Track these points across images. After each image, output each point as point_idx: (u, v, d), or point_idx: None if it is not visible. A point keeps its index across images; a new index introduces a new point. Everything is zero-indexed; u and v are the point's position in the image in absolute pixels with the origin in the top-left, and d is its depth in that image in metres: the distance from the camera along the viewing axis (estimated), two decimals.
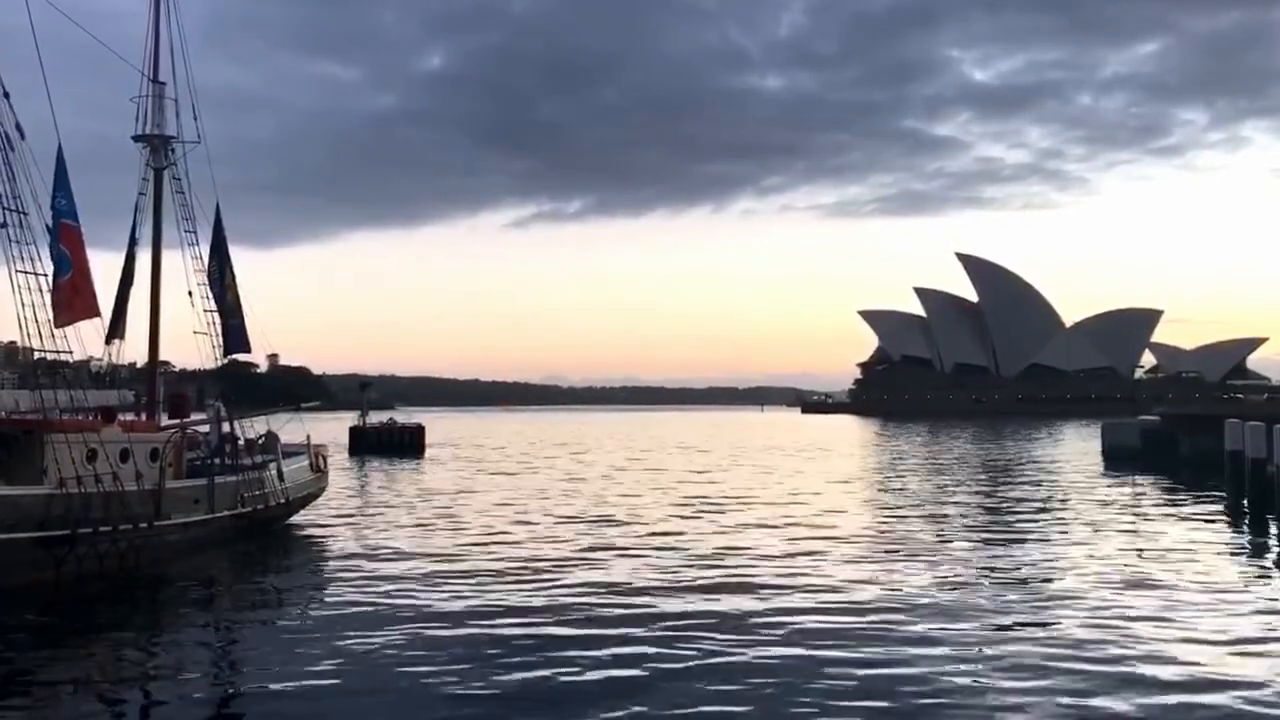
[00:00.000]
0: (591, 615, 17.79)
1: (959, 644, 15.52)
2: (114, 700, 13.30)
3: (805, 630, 16.49)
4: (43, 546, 20.22)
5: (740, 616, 17.53)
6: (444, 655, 15.06)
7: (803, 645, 15.48)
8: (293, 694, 13.28)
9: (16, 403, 22.69)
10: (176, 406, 29.08)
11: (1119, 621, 17.03)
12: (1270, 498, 31.17)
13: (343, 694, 13.24)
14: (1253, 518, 31.50)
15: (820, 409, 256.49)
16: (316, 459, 33.43)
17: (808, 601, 18.80)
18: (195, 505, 24.95)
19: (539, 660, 14.74)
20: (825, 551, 24.91)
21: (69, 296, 23.44)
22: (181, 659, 15.47)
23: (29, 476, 21.16)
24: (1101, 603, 18.57)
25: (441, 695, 13.12)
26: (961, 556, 24.15)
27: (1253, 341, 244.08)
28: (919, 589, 19.95)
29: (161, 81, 28.10)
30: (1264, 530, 29.34)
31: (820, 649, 15.22)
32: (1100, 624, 16.84)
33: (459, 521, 31.66)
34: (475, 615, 17.79)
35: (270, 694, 13.33)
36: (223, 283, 29.80)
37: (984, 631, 16.40)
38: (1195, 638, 15.94)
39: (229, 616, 19.32)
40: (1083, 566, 22.62)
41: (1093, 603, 18.57)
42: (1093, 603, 18.57)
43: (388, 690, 13.36)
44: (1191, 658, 14.73)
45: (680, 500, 38.16)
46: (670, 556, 24.31)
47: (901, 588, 20.13)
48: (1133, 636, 15.98)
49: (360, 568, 23.00)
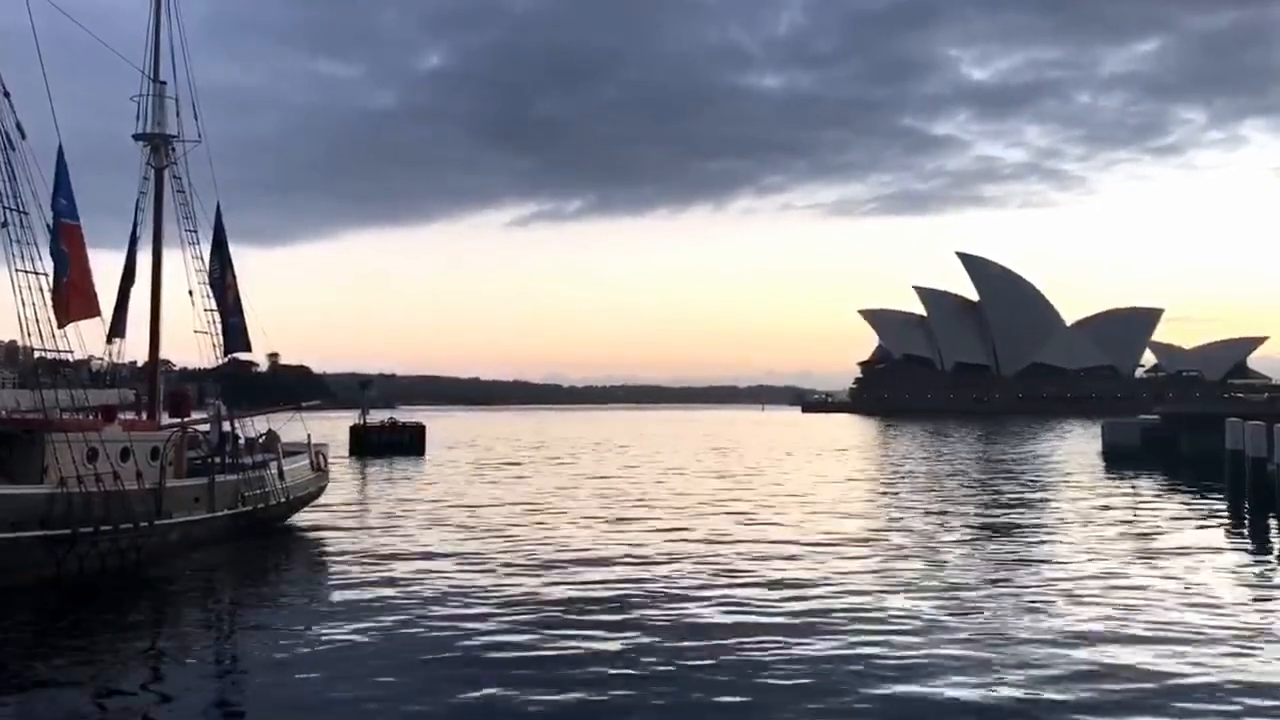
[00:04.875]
0: (593, 615, 17.79)
1: (959, 642, 15.55)
2: (114, 700, 13.30)
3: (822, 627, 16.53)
4: (44, 545, 20.24)
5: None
6: (445, 654, 15.08)
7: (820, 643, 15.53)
8: (293, 693, 13.28)
9: (17, 402, 22.71)
10: (177, 405, 29.08)
11: (1119, 621, 17.04)
12: (1270, 496, 31.20)
13: (343, 693, 13.23)
14: (1253, 517, 31.53)
15: (821, 408, 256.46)
16: (317, 458, 33.43)
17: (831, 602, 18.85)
18: (196, 504, 24.97)
19: (540, 660, 14.75)
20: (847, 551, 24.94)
21: (70, 296, 23.47)
22: (181, 658, 15.47)
23: (30, 475, 21.19)
24: (1101, 601, 18.56)
25: (442, 694, 13.12)
26: (962, 556, 24.14)
27: (1253, 340, 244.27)
28: (919, 589, 19.97)
29: (162, 80, 28.10)
30: (1264, 529, 29.36)
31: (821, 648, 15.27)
32: (1100, 624, 16.84)
33: (459, 520, 31.64)
34: (476, 614, 17.79)
35: (270, 693, 13.34)
36: (223, 282, 29.80)
37: (984, 630, 16.41)
38: (1195, 637, 15.94)
39: (229, 616, 19.34)
40: (1082, 566, 22.62)
41: (1091, 601, 18.56)
42: (1091, 601, 18.56)
43: (388, 689, 13.35)
44: (1191, 657, 14.73)
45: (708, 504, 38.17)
46: (685, 564, 24.31)
47: (901, 587, 20.15)
48: (1132, 636, 15.99)
49: (360, 567, 23.00)
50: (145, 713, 12.87)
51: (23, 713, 12.74)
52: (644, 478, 49.38)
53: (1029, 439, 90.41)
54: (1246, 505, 33.28)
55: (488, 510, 34.52)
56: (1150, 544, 26.10)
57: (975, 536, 27.51)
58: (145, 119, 28.11)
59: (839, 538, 27.23)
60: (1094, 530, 28.82)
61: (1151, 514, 32.72)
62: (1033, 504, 35.99)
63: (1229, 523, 30.96)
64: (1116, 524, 30.20)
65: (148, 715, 12.78)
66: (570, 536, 27.81)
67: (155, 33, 27.82)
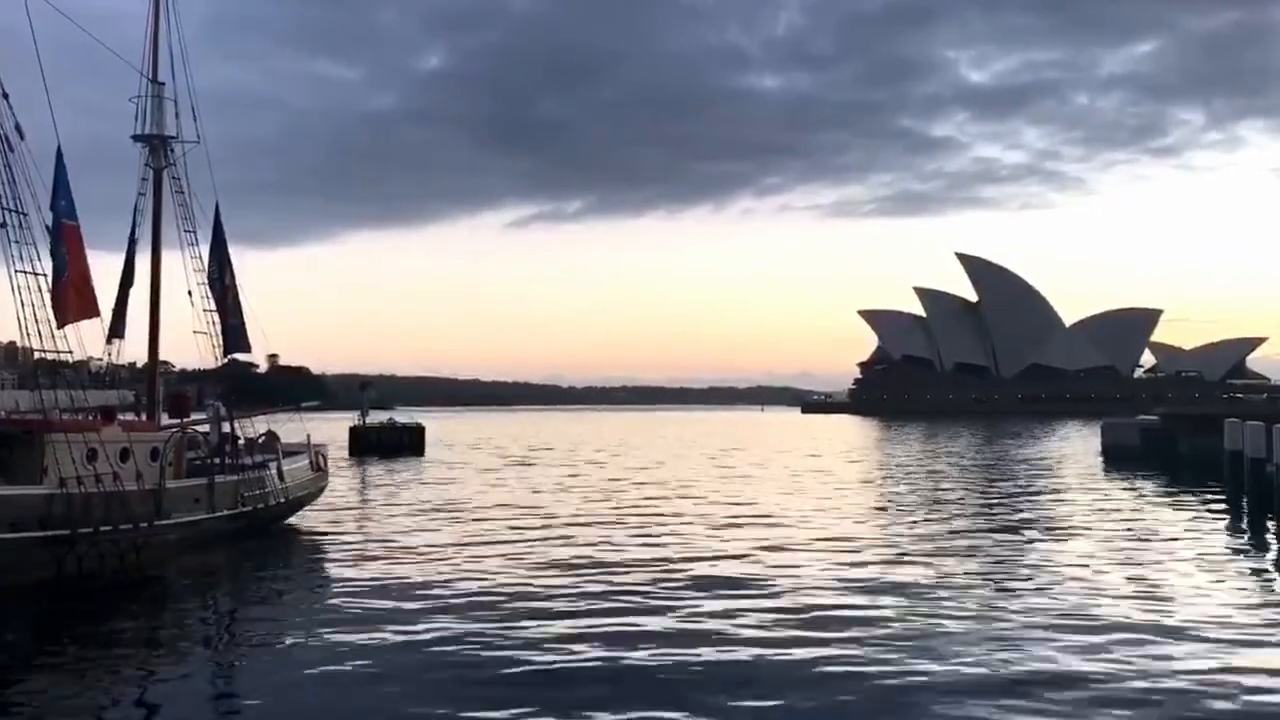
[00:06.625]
0: (595, 614, 17.80)
1: (958, 642, 15.57)
2: (114, 700, 13.30)
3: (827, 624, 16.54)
4: (43, 546, 20.23)
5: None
6: (444, 654, 15.08)
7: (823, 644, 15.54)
8: (293, 693, 13.30)
9: (17, 403, 22.72)
10: (176, 406, 29.11)
11: (1118, 621, 17.05)
12: (1270, 497, 31.20)
13: (343, 693, 13.25)
14: (1252, 517, 31.54)
15: (820, 409, 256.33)
16: (316, 459, 33.46)
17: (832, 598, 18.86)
18: (195, 505, 24.98)
19: (540, 659, 14.75)
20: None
21: (69, 297, 23.46)
22: (181, 658, 15.48)
23: (29, 476, 21.19)
24: (1100, 602, 18.57)
25: (441, 694, 13.13)
26: (960, 556, 24.16)
27: (1252, 341, 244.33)
28: (917, 588, 19.99)
29: (161, 81, 28.09)
30: (1263, 530, 29.36)
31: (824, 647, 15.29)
32: (1100, 623, 16.85)
33: (459, 521, 31.66)
34: (476, 614, 17.79)
35: (270, 694, 13.33)
36: (222, 283, 29.81)
37: (984, 630, 16.42)
38: (1194, 637, 15.94)
39: (229, 616, 19.36)
40: (1081, 566, 22.62)
41: (1091, 602, 18.57)
42: (1091, 602, 18.57)
43: (388, 690, 13.36)
44: (1191, 657, 14.74)
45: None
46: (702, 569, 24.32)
47: (903, 588, 20.17)
48: (1132, 636, 15.97)
49: (360, 567, 23.02)
50: (145, 714, 12.87)
51: (22, 713, 12.74)
52: (655, 479, 49.40)
53: (1028, 440, 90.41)
54: (1246, 506, 33.30)
55: (488, 511, 34.52)
56: (1149, 545, 26.09)
57: (975, 536, 27.49)
58: (144, 120, 28.12)
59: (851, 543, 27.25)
60: (1093, 531, 28.81)
61: (1151, 515, 32.72)
62: (1032, 505, 35.98)
63: (1228, 523, 30.96)
64: (1116, 525, 30.19)
65: (147, 716, 12.78)
66: (569, 537, 27.82)
67: (154, 34, 27.85)
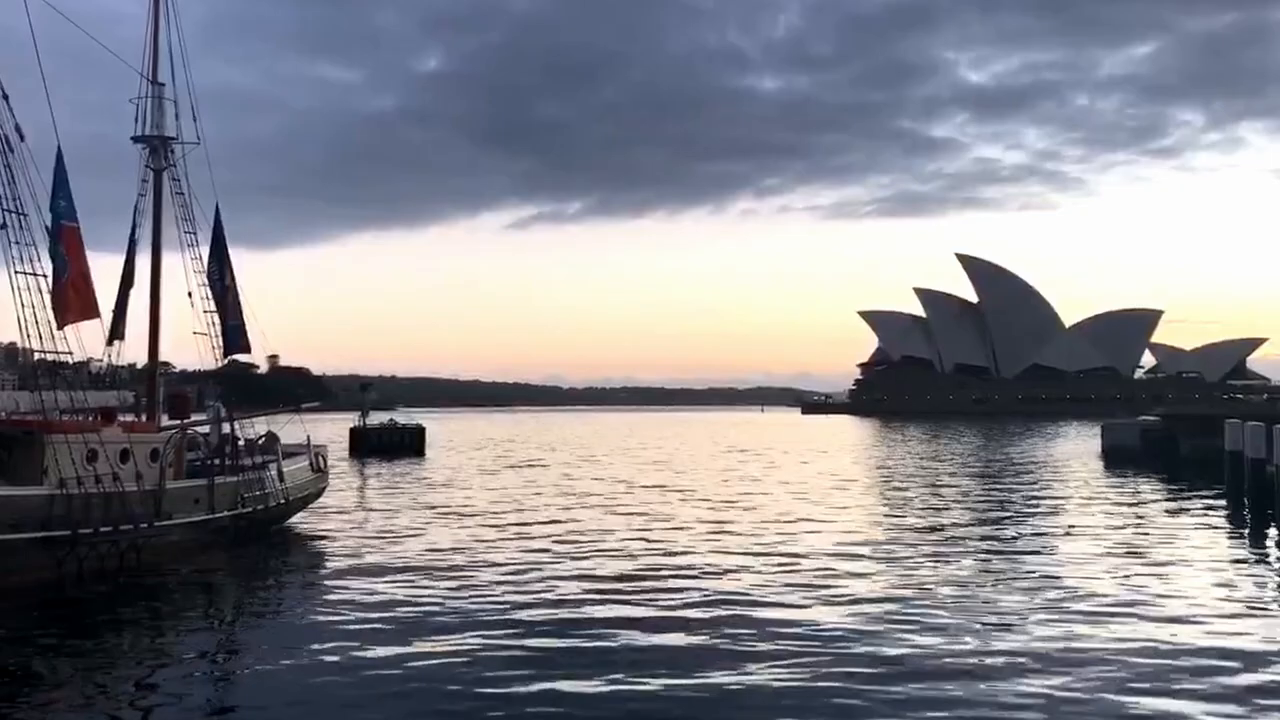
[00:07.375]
0: (594, 615, 17.81)
1: (956, 642, 15.57)
2: (114, 700, 13.30)
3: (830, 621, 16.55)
4: (43, 547, 20.25)
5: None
6: (444, 654, 15.08)
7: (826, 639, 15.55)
8: (292, 694, 13.29)
9: (17, 403, 22.71)
10: (176, 407, 29.09)
11: (1118, 621, 17.05)
12: (1270, 497, 31.22)
13: (342, 694, 13.25)
14: (1252, 518, 31.54)
15: (820, 409, 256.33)
16: (316, 460, 33.44)
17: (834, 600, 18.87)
18: (195, 505, 24.99)
19: (539, 659, 14.76)
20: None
21: (69, 298, 23.46)
22: (181, 659, 15.48)
23: (30, 477, 21.18)
24: (1100, 603, 18.57)
25: (441, 695, 13.13)
26: (960, 556, 24.16)
27: (1252, 341, 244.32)
28: (918, 588, 20.00)
29: (161, 83, 28.06)
30: (1264, 530, 29.36)
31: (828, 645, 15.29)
32: (1099, 624, 16.85)
33: (459, 522, 31.66)
34: (476, 614, 17.80)
35: (270, 694, 13.34)
36: (222, 283, 29.79)
37: (983, 630, 16.43)
38: (1194, 637, 15.94)
39: (229, 616, 19.36)
40: (1081, 566, 22.62)
41: (1091, 602, 18.57)
42: (1091, 602, 18.57)
43: (387, 690, 13.36)
44: (1190, 657, 14.74)
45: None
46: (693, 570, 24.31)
47: (905, 588, 20.18)
48: (1131, 636, 15.99)
49: (360, 568, 23.02)
50: (145, 714, 12.87)
51: (22, 714, 12.73)
52: (659, 482, 49.38)
53: (1028, 440, 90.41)
54: (1246, 506, 33.29)
55: (488, 511, 34.52)
56: (1149, 545, 26.09)
57: (975, 537, 27.48)
58: (144, 121, 28.10)
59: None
60: (1093, 532, 28.80)
61: (1151, 515, 32.71)
62: (1032, 506, 35.97)
63: (1228, 524, 30.96)
64: (1115, 525, 30.18)
65: (147, 716, 12.78)
66: (568, 538, 27.83)
67: (154, 35, 27.84)
